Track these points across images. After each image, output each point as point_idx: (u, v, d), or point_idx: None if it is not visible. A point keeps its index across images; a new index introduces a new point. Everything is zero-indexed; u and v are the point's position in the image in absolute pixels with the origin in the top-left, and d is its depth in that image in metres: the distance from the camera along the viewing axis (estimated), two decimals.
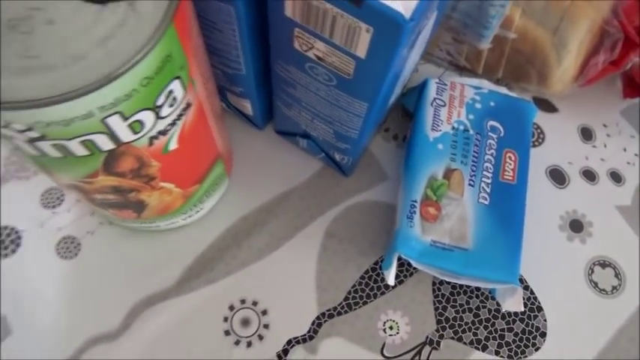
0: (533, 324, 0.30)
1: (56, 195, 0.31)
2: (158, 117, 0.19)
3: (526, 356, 0.29)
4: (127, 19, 0.16)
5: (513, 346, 0.30)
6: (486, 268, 0.27)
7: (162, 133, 0.20)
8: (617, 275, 0.32)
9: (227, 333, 0.29)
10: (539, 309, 0.30)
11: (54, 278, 0.29)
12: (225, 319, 0.29)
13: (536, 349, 0.30)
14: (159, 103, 0.18)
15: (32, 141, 0.17)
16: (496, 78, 0.35)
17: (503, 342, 0.30)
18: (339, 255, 0.31)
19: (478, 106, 0.31)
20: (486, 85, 0.32)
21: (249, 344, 0.29)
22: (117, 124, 0.17)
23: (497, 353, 0.29)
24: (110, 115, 0.16)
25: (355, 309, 0.30)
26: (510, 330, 0.30)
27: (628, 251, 0.32)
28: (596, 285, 0.31)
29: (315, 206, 0.32)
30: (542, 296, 0.31)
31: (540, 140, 0.35)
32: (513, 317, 0.30)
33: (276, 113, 0.30)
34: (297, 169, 0.33)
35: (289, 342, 0.29)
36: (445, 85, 0.31)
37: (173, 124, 0.20)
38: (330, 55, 0.21)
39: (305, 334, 0.29)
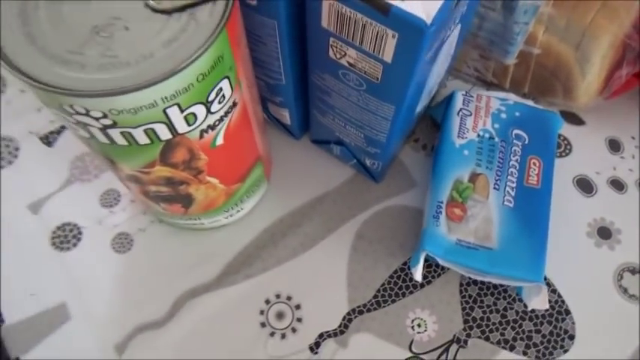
0: (561, 326, 0.31)
1: (113, 196, 0.34)
2: (209, 111, 0.21)
3: (554, 358, 0.30)
4: (188, 25, 0.19)
5: (541, 347, 0.30)
6: (511, 266, 0.28)
7: (212, 127, 0.22)
8: None
9: (263, 325, 0.31)
10: (567, 312, 0.31)
11: (109, 270, 0.32)
12: (262, 312, 0.31)
13: (565, 352, 0.30)
14: (210, 98, 0.21)
15: (105, 128, 0.20)
16: (523, 92, 0.37)
17: (530, 343, 0.30)
18: (369, 255, 0.33)
19: (503, 116, 0.32)
20: (512, 97, 0.34)
21: (283, 336, 0.30)
22: (175, 114, 0.20)
23: (525, 354, 0.30)
24: (170, 106, 0.19)
25: (384, 306, 0.31)
26: (538, 332, 0.30)
27: None
28: (625, 291, 0.31)
29: (347, 210, 0.34)
30: (571, 300, 0.31)
31: (567, 151, 0.36)
32: (541, 319, 0.31)
33: (312, 122, 0.33)
34: (330, 175, 0.35)
35: (321, 335, 0.31)
36: (472, 96, 0.33)
37: (221, 119, 0.23)
38: (361, 61, 0.23)
39: (336, 329, 0.31)
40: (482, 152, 0.31)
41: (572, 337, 0.30)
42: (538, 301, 0.28)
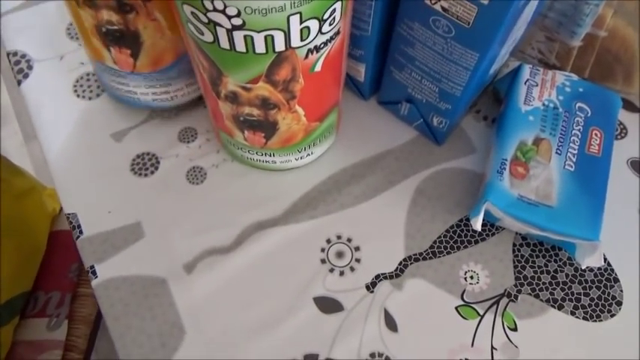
0: (609, 292, 0.32)
1: (190, 133, 0.37)
2: (320, 31, 0.24)
3: (601, 320, 0.31)
4: None
5: (589, 309, 0.31)
6: (569, 224, 0.30)
7: (317, 49, 0.25)
8: None
9: (323, 261, 0.32)
10: (616, 280, 0.32)
11: (182, 198, 0.34)
12: (322, 250, 0.33)
13: (612, 316, 0.31)
14: (325, 16, 0.23)
15: (232, 29, 0.22)
16: (583, 77, 0.39)
17: (579, 304, 0.31)
18: (427, 210, 0.34)
19: (568, 89, 0.34)
20: (575, 77, 0.36)
21: (341, 273, 0.32)
22: (295, 24, 0.22)
23: (572, 314, 0.31)
24: (294, 14, 0.22)
25: (439, 257, 0.33)
26: (587, 295, 0.32)
27: None
28: None
29: (409, 167, 0.36)
30: (620, 270, 0.32)
31: (623, 134, 0.37)
32: (590, 284, 0.32)
33: (384, 80, 0.35)
34: (394, 135, 0.37)
35: (377, 276, 0.32)
36: (538, 70, 0.35)
37: (326, 43, 0.25)
38: (455, 5, 0.25)
39: (392, 272, 0.32)
40: (547, 119, 0.33)
41: (619, 304, 0.31)
42: (592, 260, 0.30)
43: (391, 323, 0.31)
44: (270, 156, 0.33)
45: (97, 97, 0.38)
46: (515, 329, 0.31)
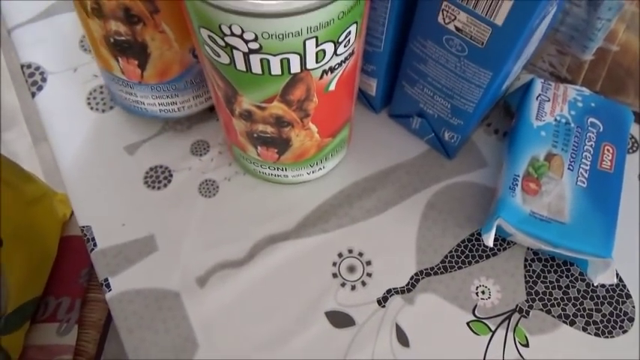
0: (621, 308, 0.32)
1: (203, 146, 0.37)
2: (335, 53, 0.24)
3: (613, 337, 0.31)
4: None
5: (601, 325, 0.31)
6: (582, 241, 0.30)
7: (332, 70, 0.25)
8: None
9: (335, 275, 0.33)
10: (628, 296, 0.32)
11: (195, 210, 0.35)
12: (334, 264, 0.33)
13: (624, 332, 0.31)
14: (340, 39, 0.23)
15: (249, 53, 0.22)
16: (594, 91, 0.38)
17: (590, 320, 0.31)
18: (438, 224, 0.34)
19: (580, 104, 0.34)
20: (587, 91, 0.36)
21: (353, 287, 0.32)
22: (311, 47, 0.22)
23: (584, 330, 0.31)
24: (310, 38, 0.22)
25: (450, 271, 0.33)
26: (598, 311, 0.32)
27: None
28: None
29: (419, 181, 0.36)
30: (632, 285, 0.32)
31: (635, 148, 0.37)
32: (602, 300, 0.32)
33: (396, 94, 0.35)
34: (405, 148, 0.37)
35: (389, 291, 0.32)
36: (550, 84, 0.35)
37: (340, 64, 0.25)
38: (469, 26, 0.26)
39: (404, 287, 0.32)
40: (559, 135, 0.33)
41: (631, 320, 0.31)
42: (605, 277, 0.30)
43: (403, 338, 0.31)
44: (283, 170, 0.33)
45: (110, 110, 0.39)
46: (526, 345, 0.31)
